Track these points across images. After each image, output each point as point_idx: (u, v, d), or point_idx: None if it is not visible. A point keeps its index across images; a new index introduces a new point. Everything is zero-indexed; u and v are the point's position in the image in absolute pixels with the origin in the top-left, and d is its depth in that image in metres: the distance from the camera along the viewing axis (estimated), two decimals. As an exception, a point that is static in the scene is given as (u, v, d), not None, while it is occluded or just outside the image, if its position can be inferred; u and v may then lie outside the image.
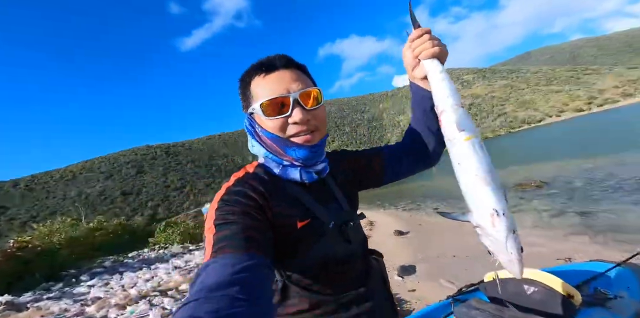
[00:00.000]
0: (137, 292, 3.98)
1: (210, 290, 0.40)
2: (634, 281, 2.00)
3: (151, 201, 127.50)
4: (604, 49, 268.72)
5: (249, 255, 0.48)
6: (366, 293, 0.73)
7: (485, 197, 0.58)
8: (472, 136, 0.61)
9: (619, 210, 4.30)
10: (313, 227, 0.66)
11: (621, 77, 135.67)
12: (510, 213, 0.58)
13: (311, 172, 0.70)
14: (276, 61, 0.67)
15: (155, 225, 18.09)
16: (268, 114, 0.64)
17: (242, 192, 0.61)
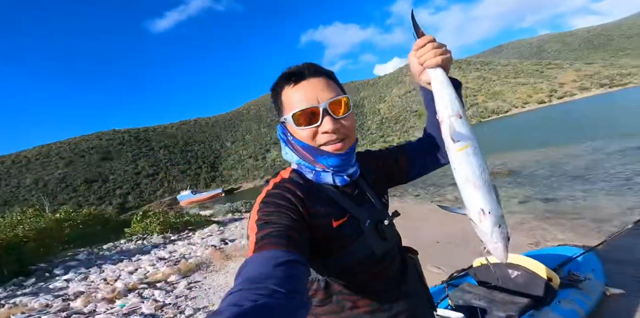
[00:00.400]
0: (124, 285, 3.89)
1: (251, 282, 0.43)
2: (598, 264, 2.29)
3: (120, 189, 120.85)
4: (567, 45, 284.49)
5: (287, 252, 0.51)
6: (406, 291, 0.76)
7: (474, 198, 0.64)
8: (466, 146, 0.65)
9: (577, 196, 4.74)
10: (350, 225, 0.69)
11: (579, 71, 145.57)
12: (498, 211, 0.64)
13: (343, 175, 0.72)
14: (304, 70, 0.68)
15: (130, 215, 17.35)
16: (299, 124, 0.66)
17: (280, 194, 0.64)
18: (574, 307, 1.82)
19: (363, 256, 0.69)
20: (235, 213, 12.88)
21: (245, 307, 0.37)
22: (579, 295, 1.93)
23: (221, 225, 9.34)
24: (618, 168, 5.72)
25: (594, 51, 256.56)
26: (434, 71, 0.71)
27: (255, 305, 0.37)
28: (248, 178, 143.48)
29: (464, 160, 0.65)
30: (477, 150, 0.65)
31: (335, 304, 0.70)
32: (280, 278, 0.44)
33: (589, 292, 1.96)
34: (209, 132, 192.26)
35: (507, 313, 1.75)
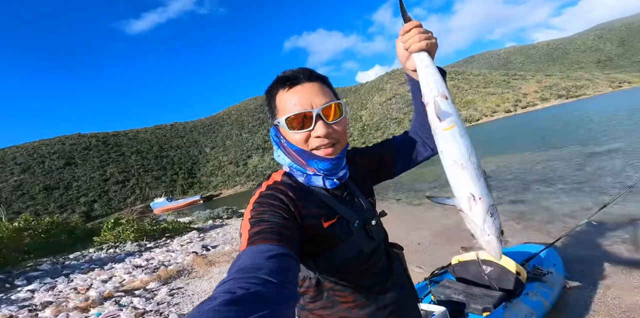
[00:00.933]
0: (98, 293, 3.70)
1: (244, 271, 0.44)
2: (558, 259, 2.54)
3: (85, 196, 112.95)
4: (530, 57, 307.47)
5: (279, 246, 0.52)
6: (392, 284, 0.79)
7: (463, 182, 0.62)
8: (452, 126, 0.64)
9: (539, 198, 5.16)
10: (340, 226, 0.71)
11: (540, 83, 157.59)
12: (489, 198, 0.61)
13: (333, 178, 0.74)
14: (300, 74, 0.69)
15: (98, 223, 16.30)
16: (292, 127, 0.67)
17: (273, 195, 0.66)
18: (539, 298, 2.00)
19: (352, 255, 0.71)
20: (216, 219, 12.53)
21: (237, 294, 0.37)
22: (543, 287, 2.12)
23: (202, 232, 9.07)
24: (574, 173, 6.29)
25: (553, 64, 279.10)
26: (418, 55, 0.70)
27: (247, 292, 0.38)
28: (228, 185, 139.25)
29: (450, 141, 0.64)
30: (464, 132, 0.64)
31: (326, 300, 0.73)
32: (272, 269, 0.45)
33: (552, 284, 2.17)
34: (187, 137, 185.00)
35: (484, 305, 1.91)
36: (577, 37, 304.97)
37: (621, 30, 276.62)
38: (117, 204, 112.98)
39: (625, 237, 3.09)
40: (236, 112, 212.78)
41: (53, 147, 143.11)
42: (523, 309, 1.91)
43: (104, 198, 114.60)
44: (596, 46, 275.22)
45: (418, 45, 0.68)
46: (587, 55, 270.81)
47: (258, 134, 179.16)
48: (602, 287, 2.34)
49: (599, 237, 3.21)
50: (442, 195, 0.78)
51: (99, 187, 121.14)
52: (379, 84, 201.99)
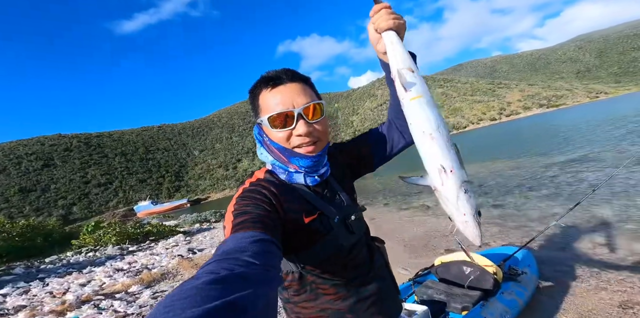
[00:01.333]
0: (76, 297, 3.58)
1: (227, 253, 0.45)
2: (532, 260, 2.67)
3: (63, 199, 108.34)
4: (515, 66, 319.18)
5: (262, 233, 0.53)
6: (373, 276, 0.81)
7: (432, 154, 0.60)
8: (419, 96, 0.64)
9: (517, 203, 5.39)
10: (320, 222, 0.73)
11: (523, 92, 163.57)
12: (461, 172, 0.59)
13: (314, 176, 0.76)
14: (282, 75, 0.71)
15: (77, 227, 15.67)
16: (274, 126, 0.69)
17: (256, 190, 0.68)
18: (514, 297, 2.10)
19: (332, 249, 0.73)
20: (203, 223, 12.29)
21: (221, 274, 0.37)
22: (518, 287, 2.23)
23: (188, 235, 8.87)
24: (551, 179, 6.61)
25: (535, 73, 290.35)
26: (387, 34, 0.72)
27: (230, 273, 0.38)
28: (217, 189, 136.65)
29: (418, 111, 0.63)
30: (432, 103, 0.64)
31: (310, 293, 0.75)
32: (256, 252, 0.46)
33: (526, 284, 2.28)
34: (175, 139, 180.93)
35: (463, 304, 1.99)
36: (558, 48, 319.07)
37: (599, 42, 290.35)
38: (97, 207, 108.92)
39: (593, 239, 3.26)
40: (227, 115, 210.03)
41: (31, 147, 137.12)
42: (499, 308, 2.00)
43: (83, 201, 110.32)
44: (576, 57, 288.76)
45: (386, 23, 0.71)
46: (567, 66, 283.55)
47: (249, 137, 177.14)
48: (572, 286, 2.45)
49: (570, 239, 3.37)
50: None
51: (79, 189, 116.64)
52: (370, 89, 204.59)
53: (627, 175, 5.31)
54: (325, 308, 0.76)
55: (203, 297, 0.32)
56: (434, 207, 6.46)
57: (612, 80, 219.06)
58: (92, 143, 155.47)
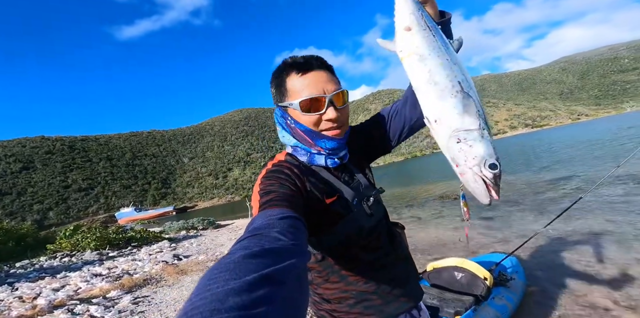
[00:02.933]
0: (48, 301, 3.36)
1: (258, 230, 0.47)
2: (520, 267, 2.72)
3: (39, 204, 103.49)
4: (502, 86, 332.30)
5: (289, 211, 0.55)
6: (395, 259, 0.83)
7: (423, 106, 0.64)
8: (408, 55, 0.65)
9: (506, 215, 5.58)
10: (340, 204, 0.75)
11: (510, 111, 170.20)
12: (454, 120, 0.58)
13: (334, 158, 0.78)
14: (312, 61, 0.74)
15: (52, 232, 14.93)
16: (305, 110, 0.71)
17: (279, 170, 0.70)
18: (504, 302, 2.13)
19: (352, 231, 0.75)
20: (190, 230, 11.90)
21: (254, 250, 0.39)
22: (507, 292, 2.26)
23: (174, 242, 8.55)
24: (535, 194, 6.90)
25: (522, 93, 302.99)
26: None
27: (262, 248, 0.40)
28: (205, 197, 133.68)
29: (408, 68, 0.65)
30: (425, 59, 0.63)
31: (332, 274, 0.77)
32: (284, 228, 0.47)
33: (515, 289, 2.33)
34: (164, 145, 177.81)
35: (456, 309, 1.98)
36: (544, 69, 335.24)
37: (581, 64, 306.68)
38: (76, 213, 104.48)
39: (576, 247, 3.40)
40: (220, 124, 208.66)
41: (11, 149, 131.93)
42: (490, 312, 2.01)
43: (61, 207, 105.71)
44: (560, 78, 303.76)
45: None
46: (551, 87, 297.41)
47: (241, 146, 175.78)
48: (557, 291, 2.54)
49: (554, 248, 3.50)
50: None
51: (58, 194, 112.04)
52: (364, 103, 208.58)
53: (607, 191, 5.61)
54: (348, 290, 0.77)
55: (242, 270, 0.34)
56: (425, 218, 6.54)
57: (593, 102, 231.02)
58: (76, 146, 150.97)
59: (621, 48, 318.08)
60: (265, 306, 0.30)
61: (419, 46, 0.64)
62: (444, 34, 0.68)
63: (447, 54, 0.63)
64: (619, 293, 2.35)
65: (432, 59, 0.62)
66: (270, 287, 0.32)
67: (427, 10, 0.69)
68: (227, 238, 8.25)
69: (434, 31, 0.65)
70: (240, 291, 0.30)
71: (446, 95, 0.59)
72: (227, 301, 0.28)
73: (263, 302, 0.30)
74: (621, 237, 3.45)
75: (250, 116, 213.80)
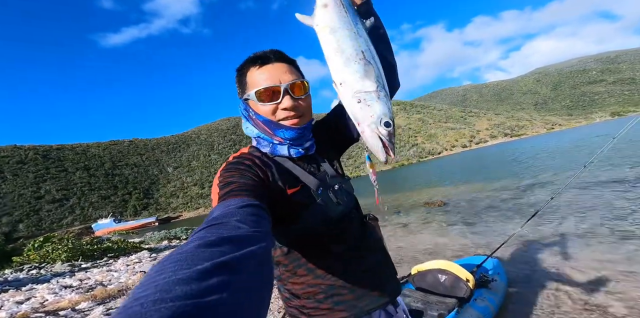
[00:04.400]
0: (9, 314, 3.10)
1: (216, 219, 0.45)
2: (501, 268, 2.77)
3: (8, 216, 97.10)
4: (483, 96, 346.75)
5: (248, 199, 0.53)
6: (367, 251, 0.80)
7: (331, 71, 0.68)
8: (322, 28, 0.70)
9: (489, 221, 5.74)
10: (302, 194, 0.73)
11: (490, 121, 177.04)
12: (357, 83, 0.63)
13: (298, 148, 0.78)
14: (270, 55, 0.75)
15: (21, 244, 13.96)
16: (262, 100, 0.72)
17: (239, 162, 0.70)
18: (486, 304, 2.16)
19: (318, 220, 0.73)
20: (172, 240, 11.39)
21: (211, 238, 0.37)
22: (489, 294, 2.29)
23: (154, 252, 8.16)
24: (515, 199, 7.20)
25: (501, 103, 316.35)
26: None
27: (220, 237, 0.38)
28: (190, 207, 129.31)
29: (323, 39, 0.70)
30: (335, 31, 0.68)
31: (299, 268, 0.74)
32: (245, 217, 0.46)
33: (496, 290, 2.36)
34: (147, 155, 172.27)
35: (439, 312, 1.99)
36: (520, 80, 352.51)
37: (554, 76, 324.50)
38: (49, 225, 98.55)
39: (553, 249, 3.55)
40: (206, 132, 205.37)
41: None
42: (472, 314, 2.02)
43: (32, 218, 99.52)
44: (535, 89, 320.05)
45: None
46: (527, 97, 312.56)
47: (228, 155, 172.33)
48: (537, 291, 2.62)
49: (533, 249, 3.65)
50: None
51: (29, 205, 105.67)
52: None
53: (576, 194, 5.96)
54: (317, 284, 0.74)
55: (194, 259, 0.32)
56: (411, 225, 6.63)
57: (565, 112, 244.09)
58: (51, 156, 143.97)
59: (589, 60, 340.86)
60: (218, 294, 0.28)
61: (331, 20, 0.69)
62: (359, 13, 0.74)
63: (355, 28, 0.69)
64: (593, 292, 2.44)
65: (341, 30, 0.68)
66: (226, 275, 0.31)
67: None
68: (210, 247, 7.97)
69: (347, 8, 0.72)
70: (190, 280, 0.28)
71: (350, 61, 0.65)
72: (173, 290, 0.26)
73: (216, 290, 0.28)
74: (593, 237, 3.64)
75: (238, 125, 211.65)
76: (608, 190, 5.84)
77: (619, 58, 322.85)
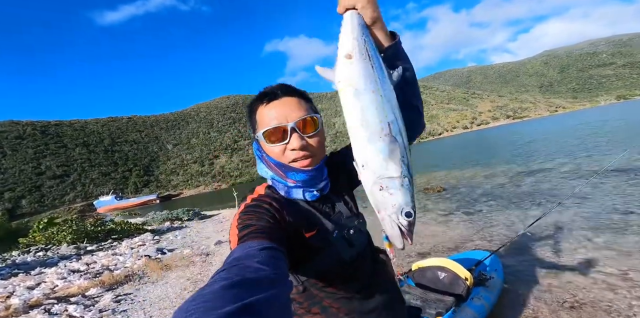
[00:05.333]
0: (22, 301, 3.23)
1: (237, 260, 0.46)
2: (499, 265, 2.81)
3: (11, 191, 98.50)
4: (488, 77, 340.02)
5: (267, 242, 0.54)
6: (377, 289, 0.81)
7: (353, 147, 0.63)
8: (345, 87, 0.63)
9: (487, 210, 5.69)
10: (319, 237, 0.74)
11: (493, 102, 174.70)
12: (380, 167, 0.59)
13: (313, 191, 0.76)
14: (277, 90, 0.73)
15: (25, 222, 14.29)
16: (269, 141, 0.71)
17: (258, 205, 0.69)
18: (482, 302, 2.19)
19: (333, 263, 0.74)
20: (174, 221, 11.60)
21: (234, 280, 0.39)
22: (486, 292, 2.33)
23: (157, 234, 8.35)
24: (517, 188, 7.08)
25: (505, 85, 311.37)
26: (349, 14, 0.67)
27: (243, 278, 0.39)
28: (191, 185, 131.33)
29: (343, 101, 0.63)
30: (360, 94, 0.61)
31: (313, 306, 0.75)
32: (265, 259, 0.47)
33: (493, 289, 2.40)
34: (146, 132, 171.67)
35: (437, 310, 2.03)
36: (527, 62, 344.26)
37: (562, 58, 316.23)
38: (51, 201, 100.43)
39: (553, 245, 3.54)
40: (205, 110, 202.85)
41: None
42: (468, 313, 2.08)
43: (34, 194, 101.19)
44: (541, 71, 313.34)
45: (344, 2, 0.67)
46: (533, 80, 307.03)
47: (228, 133, 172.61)
48: (531, 288, 2.66)
49: (532, 245, 3.63)
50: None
51: (30, 181, 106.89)
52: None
53: (588, 189, 5.59)
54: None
55: (222, 301, 0.33)
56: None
57: (570, 95, 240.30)
58: (49, 131, 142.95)
59: (601, 43, 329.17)
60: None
61: (356, 77, 0.62)
62: (386, 62, 0.67)
63: (382, 89, 0.62)
64: (591, 291, 2.48)
65: (366, 93, 0.61)
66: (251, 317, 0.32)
67: (375, 34, 0.68)
68: (212, 230, 8.17)
69: (374, 61, 0.63)
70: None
71: (375, 138, 0.60)
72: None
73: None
74: (599, 235, 3.58)
75: (237, 103, 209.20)
76: (615, 181, 5.66)
77: (632, 41, 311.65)
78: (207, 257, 4.97)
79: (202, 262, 4.70)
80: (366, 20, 0.67)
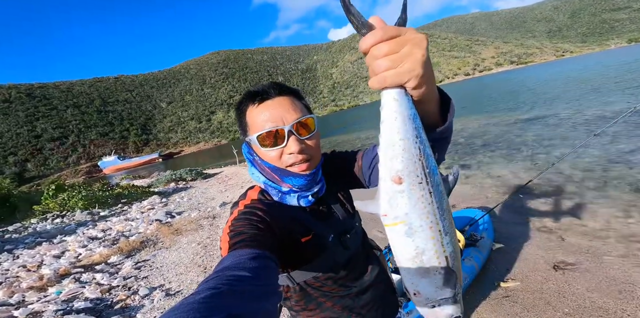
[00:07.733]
0: (53, 270, 3.53)
1: (227, 269, 0.46)
2: (490, 224, 2.84)
3: (13, 155, 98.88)
4: (493, 24, 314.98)
5: (260, 250, 0.54)
6: (370, 284, 0.84)
7: (403, 278, 0.55)
8: (394, 224, 0.49)
9: (484, 163, 5.56)
10: (314, 242, 0.73)
11: (498, 49, 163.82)
12: (428, 293, 0.55)
13: (307, 195, 0.73)
14: (270, 89, 0.67)
15: (35, 186, 14.68)
16: (264, 145, 0.66)
17: (250, 211, 0.67)
18: (472, 263, 2.24)
19: (328, 267, 0.76)
20: (179, 182, 11.96)
21: (222, 289, 0.39)
22: (476, 252, 2.33)
23: (164, 196, 8.68)
24: (516, 139, 6.84)
25: (511, 31, 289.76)
26: (386, 93, 0.45)
27: (231, 288, 0.40)
28: (190, 142, 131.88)
29: (396, 241, 0.51)
30: (414, 233, 0.48)
31: (310, 303, 0.79)
32: (254, 268, 0.47)
33: (483, 249, 2.41)
34: (137, 91, 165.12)
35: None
36: (535, 7, 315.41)
37: (574, 3, 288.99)
38: (56, 163, 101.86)
39: (547, 206, 3.40)
40: (195, 66, 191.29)
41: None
42: (460, 275, 2.23)
43: (38, 158, 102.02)
44: (550, 17, 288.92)
45: (377, 78, 0.42)
46: (541, 25, 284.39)
47: (222, 89, 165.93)
48: (520, 248, 2.61)
49: (525, 204, 3.50)
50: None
51: (30, 144, 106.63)
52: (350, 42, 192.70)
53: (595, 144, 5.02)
54: (327, 317, 0.81)
55: (206, 311, 0.33)
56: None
57: (579, 40, 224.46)
58: (35, 94, 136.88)
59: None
60: None
61: (409, 212, 0.47)
62: (435, 147, 0.51)
63: (442, 221, 0.48)
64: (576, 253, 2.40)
65: (423, 232, 0.48)
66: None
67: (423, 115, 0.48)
68: (216, 190, 8.41)
69: (432, 180, 0.46)
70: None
71: (430, 272, 0.51)
72: None
73: None
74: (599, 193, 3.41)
75: (229, 58, 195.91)
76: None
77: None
78: (213, 220, 5.23)
79: (209, 225, 4.98)
80: (415, 99, 0.45)
